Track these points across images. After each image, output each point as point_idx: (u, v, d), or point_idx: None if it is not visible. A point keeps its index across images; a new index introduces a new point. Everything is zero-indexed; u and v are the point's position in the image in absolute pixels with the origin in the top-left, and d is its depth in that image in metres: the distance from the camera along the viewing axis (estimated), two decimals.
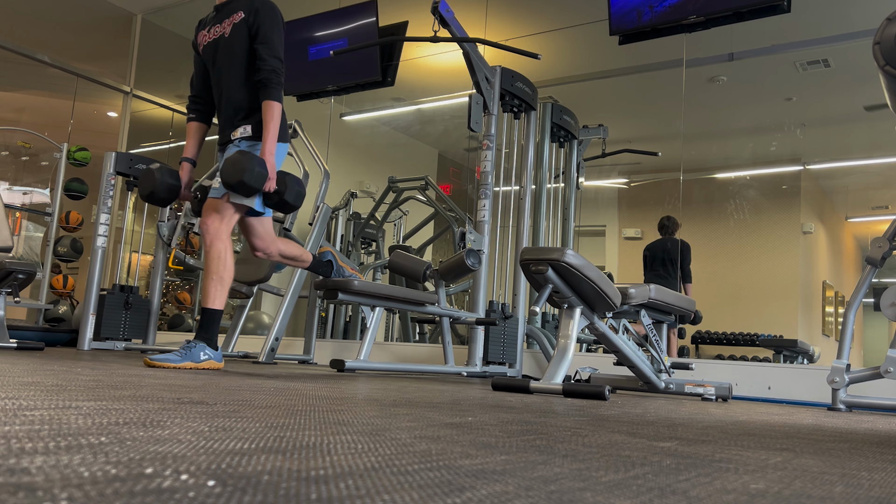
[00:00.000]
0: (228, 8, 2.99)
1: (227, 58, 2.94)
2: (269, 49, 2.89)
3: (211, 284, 2.78)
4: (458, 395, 2.04)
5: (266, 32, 2.90)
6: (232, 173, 2.70)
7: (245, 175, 2.67)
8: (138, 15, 7.54)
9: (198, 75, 3.14)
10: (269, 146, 2.82)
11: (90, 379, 1.67)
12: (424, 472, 0.62)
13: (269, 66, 2.87)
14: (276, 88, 2.87)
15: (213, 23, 3.04)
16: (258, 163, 2.73)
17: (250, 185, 2.69)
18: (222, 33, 2.97)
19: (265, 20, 2.91)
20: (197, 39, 3.11)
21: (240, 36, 2.92)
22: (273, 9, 2.96)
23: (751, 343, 5.96)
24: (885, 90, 2.57)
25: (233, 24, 2.94)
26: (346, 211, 6.70)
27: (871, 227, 6.81)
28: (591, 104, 6.35)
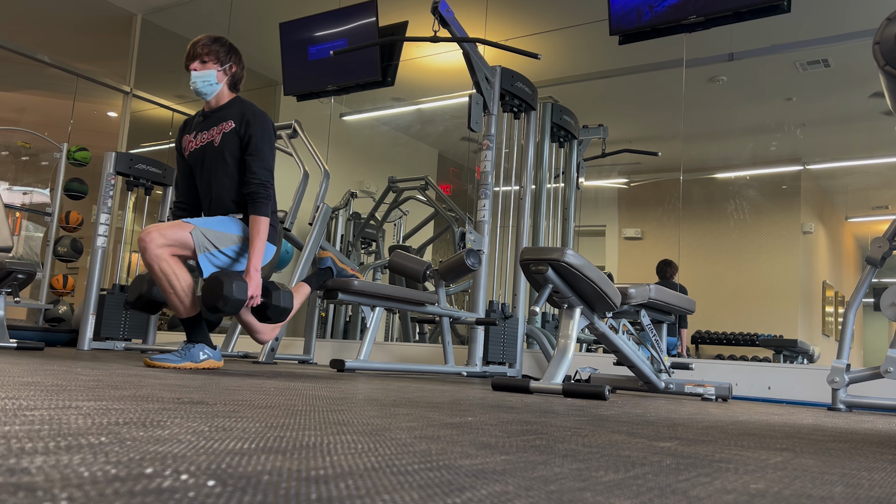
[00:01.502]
0: (217, 116, 2.90)
1: (216, 166, 2.86)
2: (260, 161, 2.82)
3: (173, 299, 2.70)
4: (458, 395, 2.04)
5: (257, 144, 2.82)
6: (209, 297, 2.63)
7: (221, 300, 2.60)
8: (138, 15, 7.54)
9: (183, 179, 3.03)
10: (254, 262, 2.75)
11: (90, 379, 1.67)
12: (424, 472, 0.62)
13: (258, 180, 2.80)
14: (265, 203, 2.80)
15: (199, 128, 2.94)
16: (237, 285, 2.64)
17: (228, 307, 2.63)
18: (210, 141, 2.88)
19: (256, 131, 2.83)
20: (182, 143, 3.01)
21: (230, 145, 2.84)
22: (264, 119, 2.88)
23: (751, 343, 5.96)
24: (885, 90, 2.57)
25: (222, 133, 2.86)
26: (346, 211, 6.70)
27: (871, 227, 6.81)
28: (591, 104, 6.35)
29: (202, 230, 2.72)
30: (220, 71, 2.90)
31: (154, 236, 2.63)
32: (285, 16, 5.78)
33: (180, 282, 2.68)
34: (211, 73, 2.87)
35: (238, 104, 2.91)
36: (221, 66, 2.90)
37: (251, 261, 2.76)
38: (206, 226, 2.75)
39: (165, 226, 2.70)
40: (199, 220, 2.78)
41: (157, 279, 2.67)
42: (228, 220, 2.84)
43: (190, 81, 2.88)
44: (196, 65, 2.87)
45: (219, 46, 2.91)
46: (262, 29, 6.81)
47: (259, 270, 2.77)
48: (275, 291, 2.82)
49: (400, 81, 5.47)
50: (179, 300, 2.70)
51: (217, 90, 2.91)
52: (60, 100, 7.68)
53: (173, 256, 2.67)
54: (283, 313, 2.85)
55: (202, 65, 2.87)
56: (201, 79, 2.87)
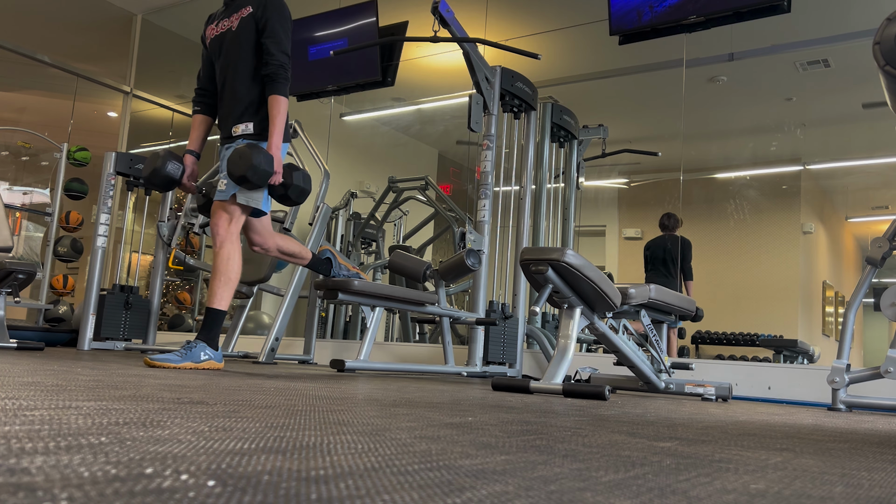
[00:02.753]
0: (237, 3, 3.00)
1: (232, 51, 2.95)
2: (277, 44, 2.89)
3: (218, 285, 2.78)
4: (458, 395, 2.04)
5: (274, 27, 2.90)
6: (238, 166, 2.71)
7: (250, 169, 2.69)
8: (138, 15, 7.54)
9: (205, 68, 3.14)
10: (275, 140, 2.83)
11: (90, 379, 1.67)
12: (424, 472, 0.62)
13: (276, 61, 2.88)
14: (283, 84, 2.88)
15: (221, 17, 3.05)
16: (264, 156, 2.74)
17: (256, 177, 2.70)
18: (230, 27, 2.98)
19: (273, 15, 2.91)
20: (205, 33, 3.12)
21: (247, 30, 2.92)
22: (282, 4, 2.96)
23: (751, 343, 5.96)
24: (885, 90, 2.57)
25: (240, 18, 2.95)
26: (346, 211, 6.70)
27: (871, 227, 6.81)
28: (591, 104, 6.35)
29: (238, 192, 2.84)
30: None
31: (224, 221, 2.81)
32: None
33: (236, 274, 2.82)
34: None
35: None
36: None
37: (272, 138, 2.84)
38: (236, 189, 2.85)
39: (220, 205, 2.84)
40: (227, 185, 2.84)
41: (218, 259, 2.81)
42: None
43: None
44: None
45: None
46: None
47: (280, 149, 2.85)
48: (295, 172, 2.91)
49: (400, 81, 5.47)
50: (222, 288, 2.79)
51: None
52: (60, 100, 7.68)
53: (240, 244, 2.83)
54: (302, 193, 2.94)
55: None
56: None
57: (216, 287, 2.79)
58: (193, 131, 3.15)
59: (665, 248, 5.46)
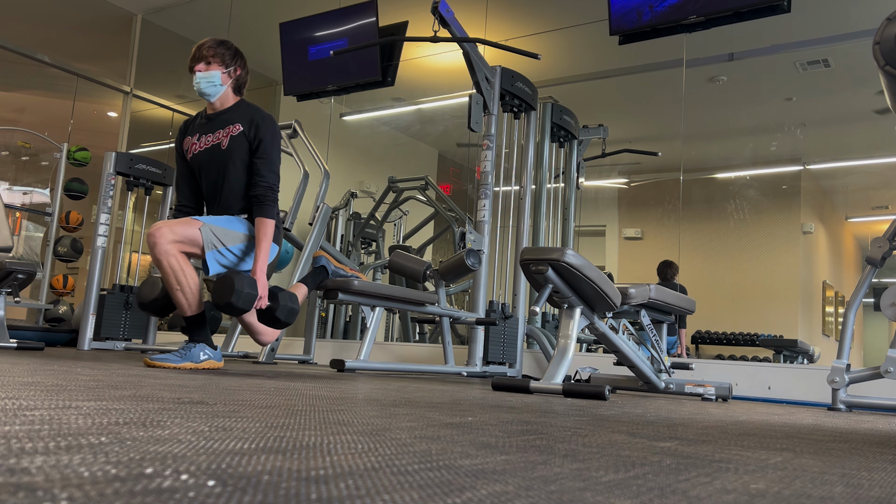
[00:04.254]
0: (223, 118, 2.90)
1: (223, 169, 2.87)
2: (269, 165, 2.84)
3: (178, 296, 2.71)
4: (458, 395, 2.04)
5: (266, 148, 2.85)
6: (222, 294, 2.64)
7: (233, 298, 2.62)
8: (138, 15, 7.54)
9: (184, 182, 3.02)
10: (261, 264, 2.76)
11: (90, 379, 1.67)
12: (424, 472, 0.62)
13: (266, 183, 2.82)
14: (271, 206, 2.82)
15: (203, 130, 2.94)
16: (248, 281, 2.66)
17: (241, 303, 2.65)
18: (217, 143, 2.88)
19: (266, 135, 2.85)
20: (183, 144, 3.00)
21: (240, 149, 2.85)
22: (273, 123, 2.90)
23: (751, 343, 5.96)
24: (885, 90, 2.57)
25: (230, 136, 2.86)
26: (346, 211, 6.70)
27: (871, 227, 6.81)
28: (591, 104, 6.35)
29: (210, 227, 2.74)
30: (225, 73, 2.90)
31: (164, 232, 2.64)
32: (285, 16, 5.78)
33: (188, 279, 2.70)
34: (216, 74, 2.88)
35: (244, 107, 2.93)
36: (226, 69, 2.91)
37: (258, 262, 2.77)
38: (214, 223, 2.77)
39: (175, 222, 2.71)
40: (207, 217, 2.80)
41: (165, 275, 2.69)
42: (235, 219, 2.86)
43: (194, 82, 2.88)
44: (201, 66, 2.88)
45: (224, 49, 2.92)
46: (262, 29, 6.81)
47: (265, 272, 2.79)
48: (280, 293, 2.84)
49: (400, 81, 5.47)
50: (185, 298, 2.71)
51: (221, 92, 2.91)
52: (60, 100, 7.68)
53: (182, 253, 2.69)
54: (291, 314, 2.87)
55: (207, 66, 2.88)
56: (206, 79, 2.88)
57: (178, 299, 2.71)
58: None
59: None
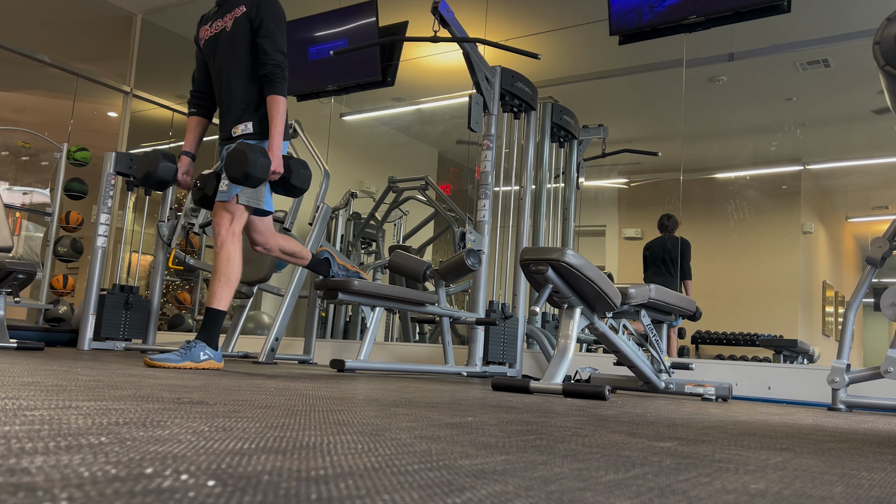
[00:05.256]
0: (230, 2, 2.99)
1: (228, 52, 2.94)
2: (273, 43, 2.89)
3: (218, 285, 2.78)
4: (458, 395, 2.04)
5: (268, 26, 2.89)
6: (236, 166, 2.71)
7: (249, 167, 2.68)
8: (138, 15, 7.54)
9: (199, 70, 3.14)
10: (276, 140, 2.83)
11: (90, 379, 1.67)
12: (424, 472, 0.62)
13: (273, 61, 2.87)
14: (281, 83, 2.88)
15: (214, 17, 3.04)
16: (261, 153, 2.73)
17: (255, 176, 2.71)
18: (223, 27, 2.97)
19: (267, 14, 2.90)
20: (199, 34, 3.10)
21: (241, 30, 2.91)
22: (275, 3, 2.96)
23: (751, 343, 5.95)
24: (885, 90, 2.57)
25: (234, 19, 2.94)
26: (346, 211, 6.70)
27: (871, 227, 6.81)
28: (591, 104, 6.34)
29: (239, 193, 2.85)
30: None
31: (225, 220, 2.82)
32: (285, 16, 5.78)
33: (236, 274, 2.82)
34: None
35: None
36: None
37: (273, 139, 2.83)
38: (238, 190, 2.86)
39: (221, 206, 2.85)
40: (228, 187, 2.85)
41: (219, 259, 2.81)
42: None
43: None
44: None
45: None
46: None
47: (280, 148, 2.85)
48: (292, 161, 2.92)
49: (400, 81, 5.47)
50: (222, 289, 2.79)
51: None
52: (60, 100, 7.68)
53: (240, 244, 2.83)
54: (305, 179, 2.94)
55: None
56: None
57: (216, 287, 2.79)
58: (189, 133, 3.15)
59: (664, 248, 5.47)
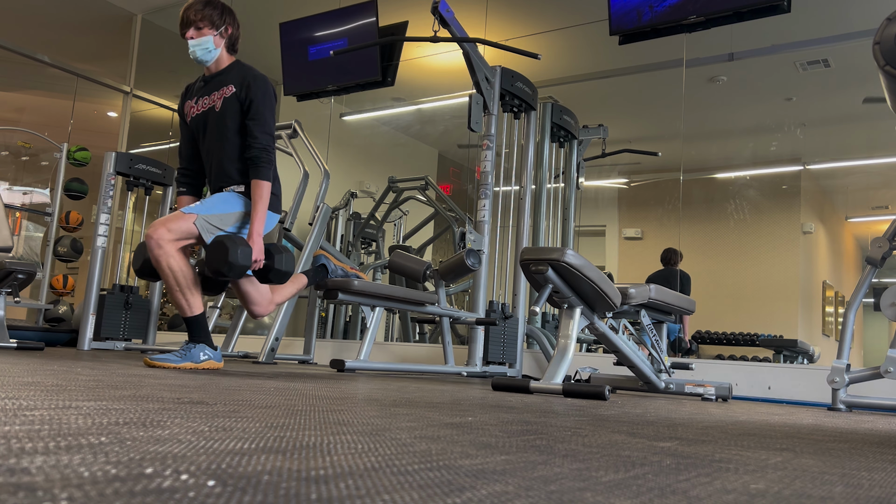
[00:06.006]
0: (218, 80, 2.90)
1: (217, 132, 2.87)
2: (261, 126, 2.82)
3: (178, 297, 2.71)
4: (458, 395, 2.04)
5: (258, 108, 2.82)
6: (217, 259, 2.64)
7: (226, 265, 2.62)
8: (138, 15, 7.54)
9: (185, 145, 3.04)
10: (256, 227, 2.76)
11: (90, 379, 1.67)
12: (424, 472, 0.62)
13: (259, 145, 2.80)
14: (266, 168, 2.80)
15: (200, 94, 2.94)
16: (241, 249, 2.66)
17: (232, 273, 2.65)
18: (212, 106, 2.88)
19: (257, 95, 2.83)
20: (183, 108, 3.01)
21: (231, 111, 2.84)
22: (265, 83, 2.88)
23: (751, 343, 5.96)
24: (885, 90, 2.57)
25: (223, 98, 2.86)
26: (346, 211, 6.70)
27: (871, 227, 6.81)
28: (591, 104, 6.35)
29: (205, 217, 2.74)
30: (217, 35, 2.89)
31: (161, 232, 2.65)
32: (285, 16, 5.78)
33: (186, 279, 2.70)
34: (208, 39, 2.87)
35: (238, 68, 2.92)
36: (217, 30, 2.89)
37: (253, 225, 2.77)
38: (208, 211, 2.76)
39: (169, 219, 2.71)
40: (200, 205, 2.79)
41: (164, 276, 2.69)
42: (230, 198, 2.84)
43: (189, 50, 2.87)
44: (192, 32, 2.86)
45: (211, 10, 2.89)
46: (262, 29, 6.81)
47: (261, 235, 2.79)
48: (277, 255, 2.85)
49: (400, 81, 5.47)
50: (185, 298, 2.72)
51: (216, 55, 2.91)
52: (60, 100, 7.68)
53: (180, 252, 2.69)
54: (283, 276, 2.87)
55: (198, 31, 2.86)
56: (199, 47, 2.87)
57: (178, 300, 2.71)
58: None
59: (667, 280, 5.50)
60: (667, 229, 6.12)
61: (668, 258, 5.57)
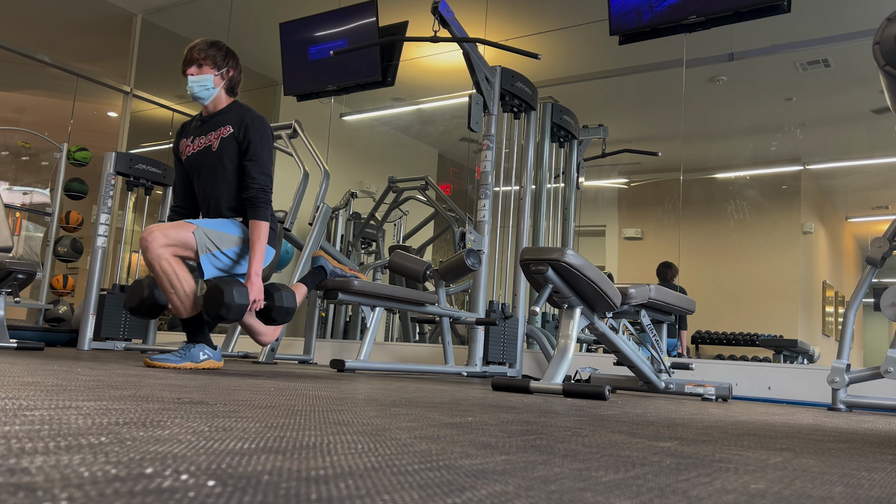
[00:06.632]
0: (216, 120, 2.89)
1: (214, 172, 2.85)
2: (259, 167, 2.80)
3: (174, 299, 2.70)
4: (458, 395, 2.04)
5: (256, 149, 2.81)
6: (211, 305, 2.63)
7: (223, 310, 2.61)
8: (138, 15, 7.54)
9: (181, 184, 3.02)
10: (255, 267, 2.74)
11: (90, 379, 1.67)
12: (424, 472, 0.62)
13: (257, 185, 2.79)
14: (264, 208, 2.80)
15: (197, 133, 2.93)
16: (237, 291, 2.64)
17: (231, 315, 2.64)
18: (209, 145, 2.87)
19: (255, 136, 2.82)
20: (179, 147, 2.99)
21: (229, 151, 2.83)
22: (263, 124, 2.87)
23: (751, 343, 5.96)
24: (885, 90, 2.57)
25: (221, 139, 2.85)
26: (346, 211, 6.70)
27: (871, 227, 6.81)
28: (591, 104, 6.34)
29: (204, 230, 2.72)
30: (217, 75, 2.88)
31: (156, 236, 2.62)
32: (285, 16, 5.78)
33: (181, 282, 2.68)
34: (208, 77, 2.86)
35: (236, 109, 2.90)
36: (218, 71, 2.88)
37: (252, 266, 2.75)
38: (207, 226, 2.75)
39: (168, 225, 2.69)
40: (201, 220, 2.78)
41: (159, 279, 2.67)
42: (229, 222, 2.84)
43: (187, 86, 2.86)
44: (193, 69, 2.85)
45: (216, 51, 2.89)
46: (262, 29, 6.81)
47: (260, 275, 2.76)
48: (276, 293, 2.82)
49: (400, 81, 5.47)
50: (180, 300, 2.70)
51: (214, 94, 2.89)
52: (60, 100, 7.68)
53: (175, 256, 2.66)
54: (287, 313, 2.85)
55: (199, 69, 2.85)
56: (198, 83, 2.86)
57: (174, 302, 2.70)
58: None
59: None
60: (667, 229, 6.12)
61: (663, 273, 5.50)
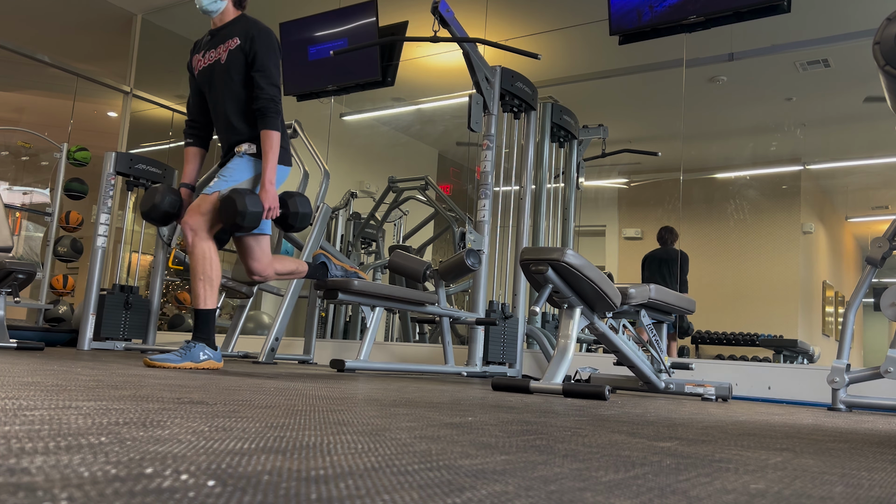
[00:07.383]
0: (224, 33, 2.95)
1: (223, 84, 2.91)
2: (266, 77, 2.85)
3: (199, 285, 2.76)
4: (458, 395, 2.04)
5: (262, 60, 2.86)
6: (227, 215, 2.72)
7: (238, 216, 2.69)
8: (138, 15, 7.54)
9: (194, 98, 3.10)
10: (268, 175, 2.81)
11: (90, 379, 1.67)
12: (424, 472, 0.62)
13: (266, 95, 2.84)
14: (274, 117, 2.84)
15: (207, 47, 2.99)
16: (249, 199, 2.72)
17: (247, 223, 2.71)
18: (218, 59, 2.93)
19: (261, 47, 2.87)
20: (192, 63, 3.06)
21: (236, 63, 2.88)
22: (269, 35, 2.92)
23: (751, 343, 5.96)
24: (885, 90, 2.57)
25: (228, 51, 2.90)
26: (346, 211, 6.70)
27: (871, 227, 6.81)
28: (591, 104, 6.35)
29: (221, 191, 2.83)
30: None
31: (196, 219, 2.76)
32: (285, 16, 5.78)
33: (213, 272, 2.78)
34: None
35: (242, 21, 2.96)
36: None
37: (265, 175, 2.82)
38: (226, 185, 2.83)
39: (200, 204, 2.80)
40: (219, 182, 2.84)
41: (195, 261, 2.77)
42: (242, 164, 2.88)
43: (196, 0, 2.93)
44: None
45: None
46: None
47: (273, 184, 2.84)
48: (290, 199, 2.92)
49: (400, 81, 5.47)
50: (204, 289, 2.77)
51: (222, 7, 2.96)
52: (60, 100, 7.68)
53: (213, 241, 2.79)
54: (304, 218, 2.96)
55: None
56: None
57: (197, 287, 2.77)
58: (187, 164, 3.10)
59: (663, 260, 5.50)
60: None
61: (663, 237, 5.57)
